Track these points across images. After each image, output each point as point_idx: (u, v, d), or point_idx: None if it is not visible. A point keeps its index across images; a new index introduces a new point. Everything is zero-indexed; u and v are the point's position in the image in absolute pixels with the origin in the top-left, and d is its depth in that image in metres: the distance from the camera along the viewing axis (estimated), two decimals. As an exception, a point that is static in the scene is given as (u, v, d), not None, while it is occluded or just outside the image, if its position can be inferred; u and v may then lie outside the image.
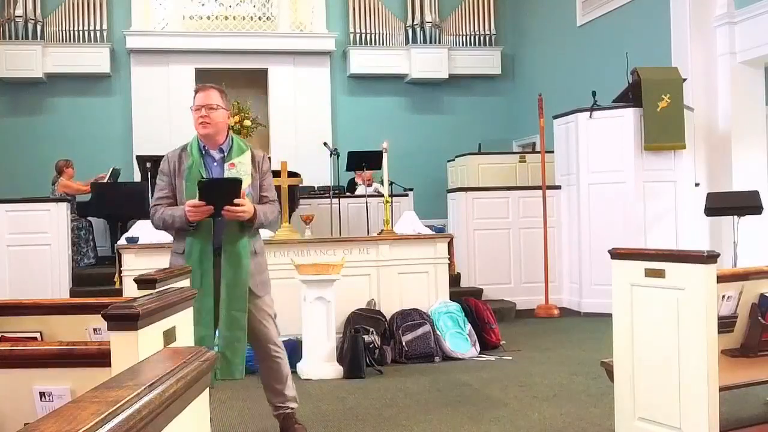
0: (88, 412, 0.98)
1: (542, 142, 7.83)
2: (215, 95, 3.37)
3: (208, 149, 3.40)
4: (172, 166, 3.39)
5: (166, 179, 3.39)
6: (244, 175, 3.33)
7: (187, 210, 3.18)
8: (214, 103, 3.34)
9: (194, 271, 3.25)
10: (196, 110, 3.35)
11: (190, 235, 3.30)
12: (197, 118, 3.34)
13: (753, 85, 7.68)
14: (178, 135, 10.90)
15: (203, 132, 3.36)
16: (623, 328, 3.21)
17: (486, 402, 4.19)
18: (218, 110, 3.35)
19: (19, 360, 2.00)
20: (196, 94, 3.40)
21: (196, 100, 3.37)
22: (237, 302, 3.31)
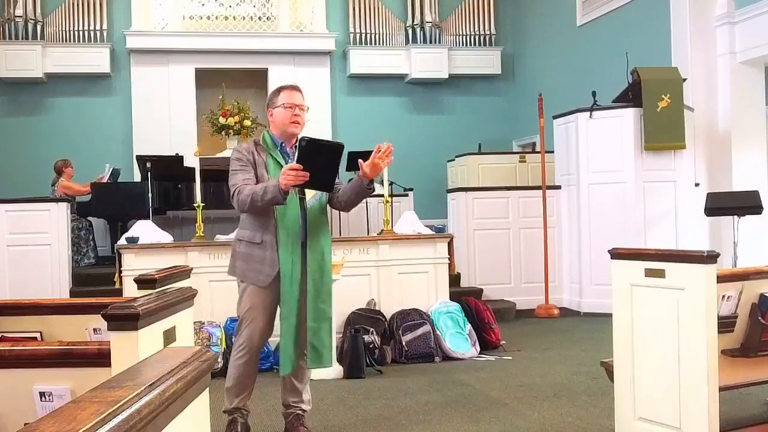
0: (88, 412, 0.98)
1: (542, 142, 7.83)
2: (301, 96, 3.47)
3: (284, 145, 3.46)
4: (250, 155, 3.39)
5: (248, 167, 3.36)
6: None
7: (283, 174, 3.08)
8: (304, 104, 3.45)
9: (286, 260, 3.28)
10: (288, 108, 3.39)
11: (282, 224, 3.30)
12: (290, 116, 3.39)
13: (753, 85, 7.68)
14: (178, 135, 10.94)
15: (295, 130, 3.43)
16: (623, 328, 3.21)
17: (486, 402, 4.19)
18: (305, 111, 3.46)
19: (19, 360, 2.00)
20: (283, 92, 3.44)
21: (288, 98, 3.40)
22: (323, 294, 3.39)
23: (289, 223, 3.32)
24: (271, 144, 3.43)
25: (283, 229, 3.31)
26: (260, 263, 3.34)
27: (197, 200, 5.72)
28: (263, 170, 3.37)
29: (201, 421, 1.50)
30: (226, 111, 10.41)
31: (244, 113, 10.48)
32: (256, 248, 3.36)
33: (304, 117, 3.44)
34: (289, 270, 3.29)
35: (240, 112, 10.44)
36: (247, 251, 3.38)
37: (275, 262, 3.31)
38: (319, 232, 3.40)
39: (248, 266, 3.38)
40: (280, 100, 3.42)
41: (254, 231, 3.38)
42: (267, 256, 3.33)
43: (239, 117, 10.38)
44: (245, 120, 10.44)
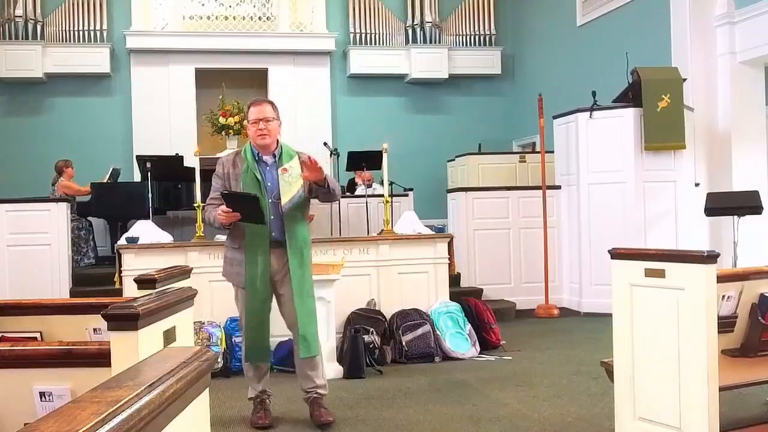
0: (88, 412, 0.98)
1: (542, 142, 7.83)
2: (269, 108, 3.76)
3: (261, 156, 3.76)
4: (226, 170, 3.77)
5: (219, 182, 3.77)
6: (295, 179, 3.68)
7: (217, 214, 3.58)
8: (270, 116, 3.73)
9: (251, 262, 3.66)
10: (253, 123, 3.72)
11: (250, 229, 3.63)
12: (255, 130, 3.71)
13: (753, 85, 7.68)
14: (178, 135, 10.94)
15: (262, 142, 3.73)
16: (623, 328, 3.21)
17: (486, 402, 4.19)
18: (273, 122, 3.74)
19: (19, 360, 2.00)
20: (251, 108, 3.77)
21: (253, 114, 3.73)
22: (306, 289, 3.73)
23: (257, 229, 3.63)
24: (251, 157, 3.75)
25: (250, 233, 3.66)
26: (239, 265, 3.73)
27: (197, 200, 5.72)
28: (236, 182, 3.72)
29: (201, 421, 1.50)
30: (226, 111, 10.40)
31: (244, 113, 10.48)
32: (235, 252, 3.76)
33: (271, 126, 3.71)
34: (255, 271, 3.66)
35: (240, 112, 10.42)
36: (230, 255, 3.80)
37: None
38: (296, 231, 3.72)
39: (230, 269, 3.80)
40: (249, 117, 3.78)
41: (233, 237, 3.77)
42: (242, 259, 3.71)
43: (239, 117, 10.37)
44: (245, 120, 10.44)
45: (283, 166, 3.69)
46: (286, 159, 3.74)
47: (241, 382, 4.83)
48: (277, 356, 5.21)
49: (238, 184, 3.69)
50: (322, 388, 3.86)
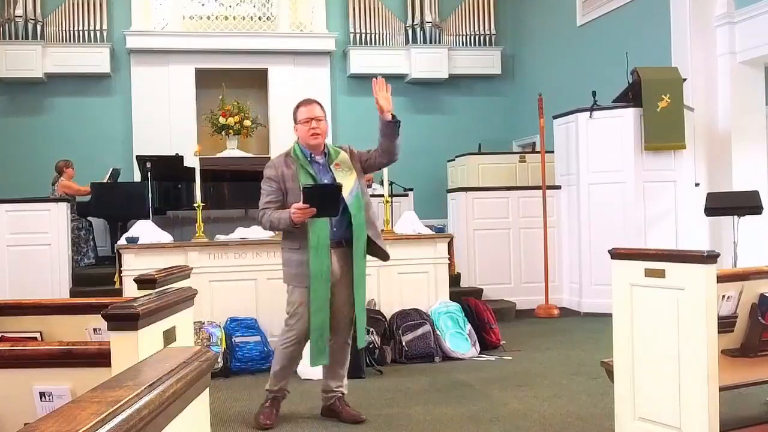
0: (88, 412, 0.98)
1: (542, 142, 7.82)
2: (318, 108, 3.79)
3: (313, 156, 3.76)
4: (279, 172, 3.73)
5: (275, 185, 3.73)
6: (348, 172, 3.73)
7: (292, 212, 3.50)
8: (320, 115, 3.75)
9: (316, 262, 3.62)
10: (305, 123, 3.72)
11: (313, 230, 3.61)
12: (308, 130, 3.71)
13: (753, 85, 7.68)
14: (178, 135, 10.94)
15: (315, 142, 3.74)
16: (623, 328, 3.21)
17: (486, 402, 4.19)
18: (323, 121, 3.75)
19: (19, 360, 2.00)
20: (300, 108, 3.78)
21: (304, 114, 3.74)
22: (362, 286, 3.76)
23: (318, 229, 3.62)
24: (302, 156, 3.74)
25: (313, 233, 3.62)
26: (299, 267, 3.68)
27: (197, 200, 5.73)
28: (293, 183, 3.68)
29: (201, 421, 1.50)
30: (226, 111, 10.42)
31: (244, 113, 10.49)
32: (294, 253, 3.72)
33: (323, 126, 3.73)
34: (317, 270, 3.62)
35: (240, 112, 10.45)
36: (289, 257, 3.76)
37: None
38: (361, 229, 3.70)
39: (290, 271, 3.75)
40: (299, 117, 3.76)
41: (292, 239, 3.73)
42: (304, 260, 3.66)
43: (239, 117, 10.39)
44: (245, 120, 10.45)
45: (335, 162, 3.74)
46: (334, 156, 3.77)
47: (241, 382, 4.84)
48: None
49: (295, 184, 3.66)
50: (345, 388, 3.94)
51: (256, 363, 5.13)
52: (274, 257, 5.58)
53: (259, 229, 6.00)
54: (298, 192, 3.60)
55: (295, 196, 3.62)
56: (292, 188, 3.68)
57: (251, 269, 5.58)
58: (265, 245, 5.67)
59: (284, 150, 3.91)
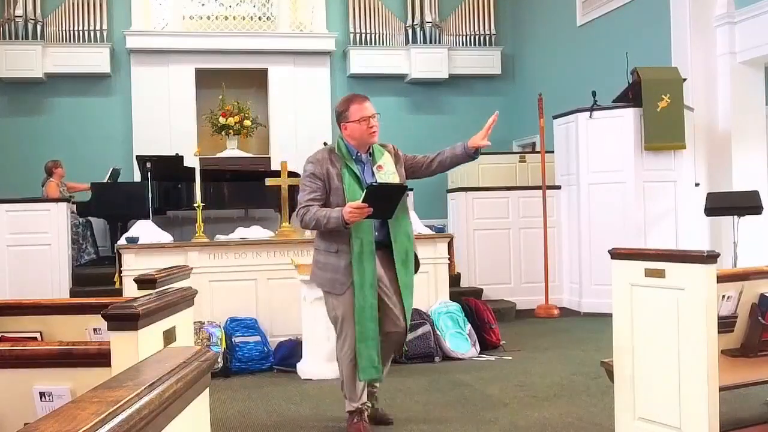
0: (88, 412, 0.98)
1: (542, 142, 7.82)
2: (371, 104, 3.60)
3: (359, 154, 3.58)
4: (324, 169, 3.51)
5: (319, 182, 3.50)
6: (392, 174, 3.55)
7: (347, 212, 3.27)
8: (374, 111, 3.58)
9: (359, 269, 3.41)
10: (363, 120, 3.50)
11: (356, 233, 3.41)
12: (366, 127, 3.51)
13: (753, 85, 7.68)
14: (178, 135, 10.94)
15: (373, 140, 3.57)
16: (623, 328, 3.21)
17: (486, 402, 4.19)
18: (376, 116, 3.58)
19: (19, 360, 2.00)
20: (354, 104, 3.54)
21: (361, 111, 3.52)
22: (410, 289, 3.58)
23: (361, 231, 3.42)
24: (347, 154, 3.54)
25: (357, 238, 3.42)
26: (335, 272, 3.48)
27: (197, 200, 5.73)
28: (338, 182, 3.49)
29: (201, 421, 1.50)
30: (226, 111, 10.42)
31: (244, 113, 10.50)
32: (332, 257, 3.50)
33: (377, 122, 3.57)
34: (363, 277, 3.42)
35: (240, 112, 10.46)
36: (324, 260, 3.53)
37: (349, 271, 3.43)
38: (401, 230, 3.54)
39: (324, 275, 3.53)
40: (352, 115, 3.52)
41: (330, 240, 3.51)
42: (342, 264, 3.45)
43: (239, 117, 10.40)
44: (245, 120, 10.46)
45: (378, 163, 3.54)
46: (378, 155, 3.59)
47: (241, 382, 4.84)
48: (277, 356, 5.21)
49: (341, 182, 3.47)
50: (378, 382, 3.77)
51: (256, 363, 5.13)
52: (274, 257, 5.60)
53: (259, 229, 6.00)
54: (342, 192, 3.45)
55: (339, 197, 3.45)
56: (337, 188, 3.47)
57: (251, 269, 5.58)
58: (265, 245, 5.67)
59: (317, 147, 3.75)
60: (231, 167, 9.39)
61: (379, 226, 3.49)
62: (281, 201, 5.96)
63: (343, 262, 3.44)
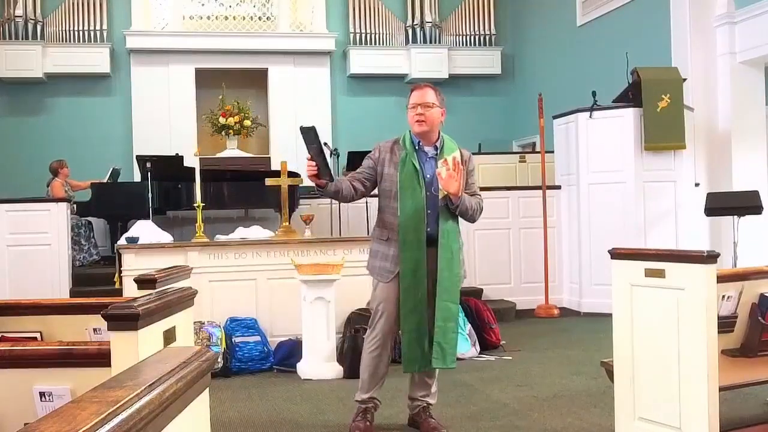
0: (88, 412, 0.98)
1: (542, 142, 7.83)
2: (431, 94, 3.50)
3: (422, 145, 3.53)
4: (382, 155, 3.52)
5: (370, 163, 3.53)
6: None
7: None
8: (430, 101, 3.48)
9: (406, 258, 3.38)
10: (411, 108, 3.49)
11: (404, 220, 3.40)
12: (413, 115, 3.47)
13: (753, 85, 7.68)
14: (178, 135, 10.94)
15: (418, 129, 3.48)
16: (623, 328, 3.21)
17: (486, 402, 4.19)
18: (433, 108, 3.48)
19: (19, 360, 2.00)
20: (413, 92, 3.53)
21: (413, 98, 3.50)
22: (451, 293, 3.45)
23: (411, 221, 3.40)
24: (410, 145, 3.51)
25: (404, 226, 3.41)
26: (384, 260, 3.48)
27: (197, 200, 5.73)
28: (392, 169, 3.47)
29: (201, 421, 1.50)
30: (226, 111, 10.42)
31: (244, 113, 10.50)
32: (382, 245, 3.51)
33: (431, 113, 3.46)
34: (410, 268, 3.38)
35: (240, 112, 10.46)
36: (376, 248, 3.55)
37: (398, 259, 3.42)
38: (448, 228, 3.46)
39: (374, 261, 3.54)
40: (409, 101, 3.53)
41: (381, 228, 3.53)
42: (390, 253, 3.45)
43: (239, 117, 10.40)
44: (245, 120, 10.46)
45: (444, 158, 3.42)
46: (447, 152, 3.47)
47: (241, 382, 4.84)
48: (277, 356, 5.21)
49: (395, 170, 3.45)
50: (432, 397, 3.67)
51: (256, 363, 5.13)
52: (274, 257, 5.60)
53: (259, 229, 6.00)
54: (394, 179, 3.44)
55: (392, 183, 3.45)
56: (390, 174, 3.46)
57: (251, 269, 5.58)
58: (265, 245, 5.67)
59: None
60: (231, 167, 9.38)
61: (434, 222, 3.42)
62: (281, 201, 5.96)
63: (392, 251, 3.44)
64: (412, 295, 3.39)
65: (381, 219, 3.55)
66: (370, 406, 3.60)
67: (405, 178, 3.43)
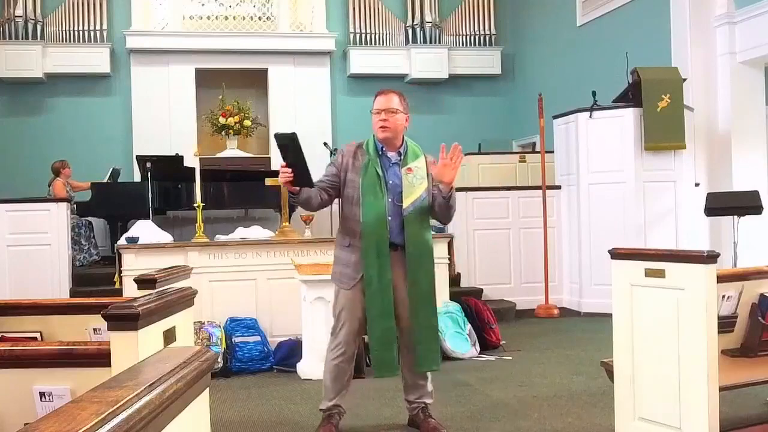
0: (88, 412, 0.98)
1: (542, 142, 7.82)
2: (396, 100, 3.49)
3: (385, 150, 3.49)
4: (345, 161, 3.49)
5: (333, 170, 3.50)
6: (419, 181, 3.44)
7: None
8: (394, 107, 3.46)
9: (369, 264, 3.36)
10: (376, 113, 3.47)
11: (366, 227, 3.37)
12: (377, 121, 3.45)
13: (753, 85, 7.67)
14: (178, 135, 10.94)
15: (382, 135, 3.46)
16: (623, 328, 3.21)
17: (486, 402, 4.19)
18: (397, 114, 3.46)
19: (19, 360, 2.00)
20: (377, 97, 3.51)
21: (377, 104, 3.48)
22: (424, 298, 3.43)
23: (373, 227, 3.37)
24: (373, 151, 3.48)
25: (366, 233, 3.38)
26: (345, 266, 3.45)
27: (197, 200, 5.73)
28: (355, 175, 3.44)
29: (201, 421, 1.50)
30: (226, 111, 10.42)
31: (244, 113, 10.50)
32: (345, 251, 3.48)
33: (395, 119, 3.45)
34: (374, 274, 3.36)
35: (240, 112, 10.46)
36: (338, 254, 3.51)
37: (359, 266, 3.40)
38: (417, 236, 3.43)
39: (336, 267, 3.51)
40: (373, 107, 3.50)
41: (344, 235, 3.50)
42: (352, 260, 3.43)
43: (239, 117, 10.40)
44: (245, 120, 10.46)
45: (408, 166, 3.43)
46: (411, 158, 3.47)
47: (241, 382, 4.84)
48: (277, 356, 5.21)
49: (357, 177, 3.42)
50: (428, 397, 3.64)
51: (256, 363, 5.13)
52: (274, 257, 5.60)
53: (259, 229, 6.00)
54: (357, 185, 3.41)
55: (354, 189, 3.41)
56: (353, 180, 3.43)
57: (251, 269, 5.58)
58: (265, 245, 5.68)
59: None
60: (231, 167, 9.39)
61: (397, 228, 3.41)
62: (281, 201, 5.96)
63: (354, 257, 3.41)
64: (379, 301, 3.37)
65: (343, 225, 3.52)
66: (335, 413, 3.58)
67: (367, 184, 3.40)
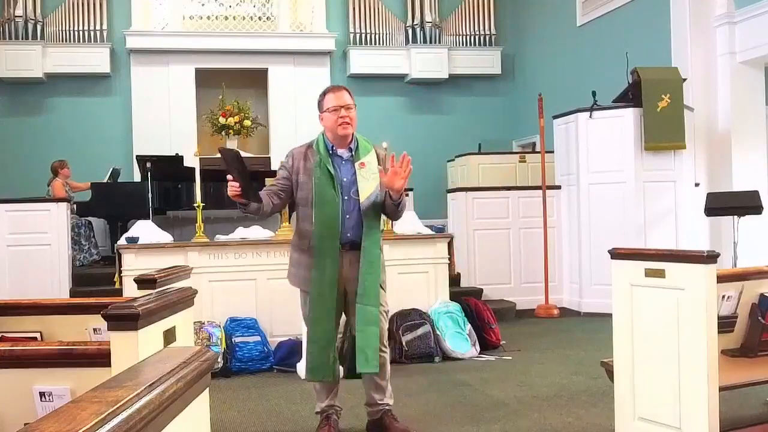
0: (88, 412, 0.98)
1: (542, 142, 7.83)
2: (347, 95, 3.43)
3: (336, 149, 3.42)
4: (296, 163, 3.43)
5: (285, 173, 3.44)
6: (373, 174, 3.38)
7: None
8: (350, 103, 3.40)
9: (319, 266, 3.32)
10: (334, 110, 3.37)
11: (320, 229, 3.32)
12: (337, 118, 3.36)
13: (753, 85, 7.67)
14: (178, 135, 10.94)
15: (345, 132, 3.38)
16: (623, 328, 3.21)
17: (486, 402, 4.19)
18: (353, 109, 3.41)
19: (19, 360, 2.00)
20: (328, 95, 3.42)
21: (332, 101, 3.39)
22: (372, 297, 3.38)
23: (326, 228, 3.33)
24: (324, 150, 3.40)
25: (319, 234, 3.34)
26: (304, 268, 3.41)
27: (197, 200, 5.72)
28: (307, 177, 3.38)
29: (201, 421, 1.50)
30: (226, 111, 10.42)
31: (244, 113, 10.50)
32: (302, 254, 3.44)
33: (353, 114, 3.40)
34: (321, 275, 3.33)
35: (240, 112, 10.46)
36: (297, 257, 3.48)
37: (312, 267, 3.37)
38: (372, 232, 3.41)
39: (297, 270, 3.47)
40: (326, 103, 3.41)
41: (300, 237, 3.45)
42: (307, 261, 3.39)
43: (239, 117, 10.40)
44: (245, 120, 10.46)
45: (360, 160, 3.38)
46: (362, 152, 3.42)
47: (241, 382, 4.84)
48: (277, 356, 5.21)
49: (309, 179, 3.35)
50: (389, 398, 3.61)
51: (256, 363, 5.13)
52: (274, 257, 5.60)
53: (259, 229, 6.00)
54: (309, 187, 3.35)
55: (307, 191, 3.36)
56: (305, 182, 3.37)
57: (251, 269, 5.58)
58: (265, 245, 5.67)
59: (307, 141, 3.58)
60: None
61: (354, 225, 3.37)
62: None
63: (309, 259, 3.38)
64: (322, 303, 3.35)
65: (298, 228, 3.47)
66: (331, 412, 3.58)
67: (320, 184, 3.34)
